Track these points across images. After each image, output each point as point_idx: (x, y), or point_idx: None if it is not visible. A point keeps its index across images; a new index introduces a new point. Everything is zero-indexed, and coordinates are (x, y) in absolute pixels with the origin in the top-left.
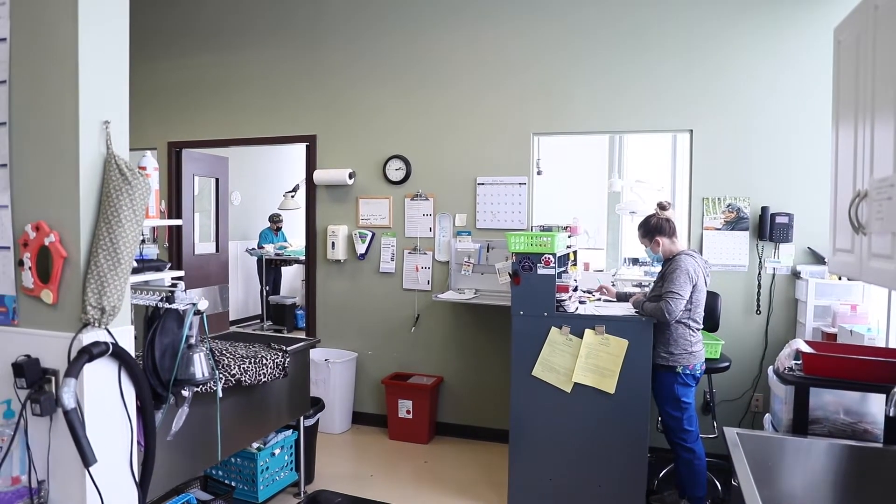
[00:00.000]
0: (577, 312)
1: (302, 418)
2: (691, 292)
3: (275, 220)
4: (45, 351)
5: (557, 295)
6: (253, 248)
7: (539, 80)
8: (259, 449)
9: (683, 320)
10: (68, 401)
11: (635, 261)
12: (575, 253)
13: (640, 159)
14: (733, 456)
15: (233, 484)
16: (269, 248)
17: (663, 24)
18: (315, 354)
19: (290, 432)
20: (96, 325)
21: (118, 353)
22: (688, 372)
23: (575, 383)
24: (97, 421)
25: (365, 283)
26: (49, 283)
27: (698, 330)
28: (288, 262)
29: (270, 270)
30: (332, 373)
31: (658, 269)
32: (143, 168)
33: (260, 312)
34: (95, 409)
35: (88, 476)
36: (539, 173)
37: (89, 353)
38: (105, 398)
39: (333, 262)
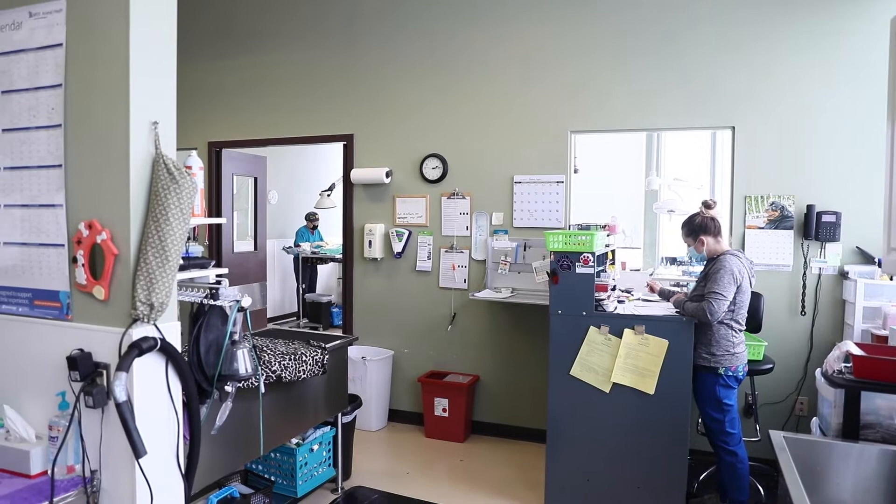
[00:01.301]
0: (616, 312)
1: (340, 415)
2: (735, 293)
3: (311, 218)
4: (97, 345)
5: (596, 294)
6: (289, 247)
7: (577, 77)
8: (298, 445)
9: (726, 321)
10: (120, 394)
11: (673, 260)
12: (613, 252)
13: (679, 157)
14: (780, 460)
15: (272, 478)
16: (305, 246)
17: (705, 21)
18: (352, 352)
19: (328, 428)
20: (145, 320)
21: (166, 349)
22: (730, 373)
23: (613, 383)
24: (145, 414)
25: (401, 282)
26: (101, 280)
27: (741, 331)
28: (324, 261)
29: (306, 268)
30: (369, 370)
31: (698, 268)
32: (189, 167)
33: (296, 310)
34: (144, 403)
35: (138, 467)
36: (575, 171)
37: (139, 347)
38: (153, 392)
39: (370, 261)
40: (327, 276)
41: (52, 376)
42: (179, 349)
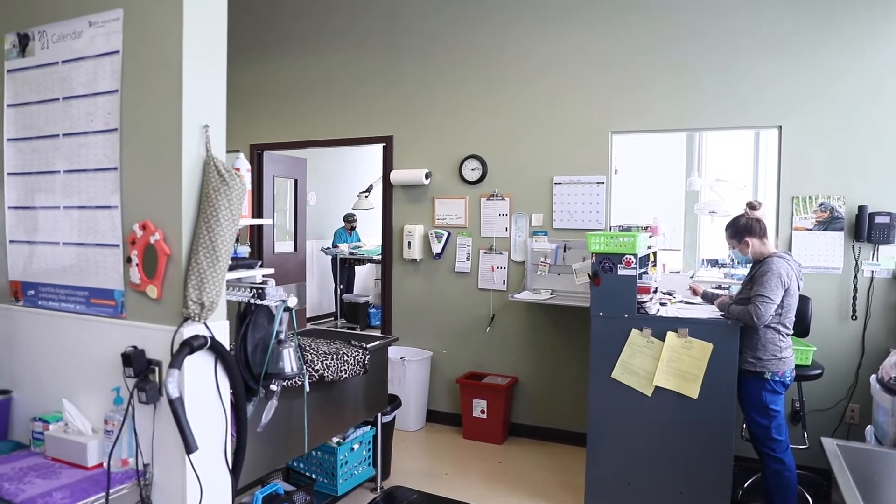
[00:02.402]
0: (659, 314)
1: (380, 415)
2: (783, 296)
3: (349, 219)
4: (149, 342)
5: (638, 296)
6: (328, 248)
7: (618, 77)
8: (339, 443)
9: (773, 325)
10: (173, 390)
11: (714, 262)
12: (655, 254)
13: (721, 157)
14: (834, 468)
15: (313, 476)
16: (343, 247)
17: (749, 18)
18: (391, 352)
19: (367, 428)
20: (196, 319)
21: (215, 347)
22: (777, 378)
23: (656, 387)
24: (195, 410)
25: (440, 283)
26: (154, 279)
27: (788, 335)
28: (361, 262)
29: (344, 269)
30: (408, 371)
31: (740, 271)
32: (237, 169)
33: (334, 310)
34: (194, 399)
35: (188, 462)
36: (615, 172)
37: (190, 345)
38: (202, 389)
39: (409, 262)
40: (365, 277)
41: (107, 372)
42: (228, 347)
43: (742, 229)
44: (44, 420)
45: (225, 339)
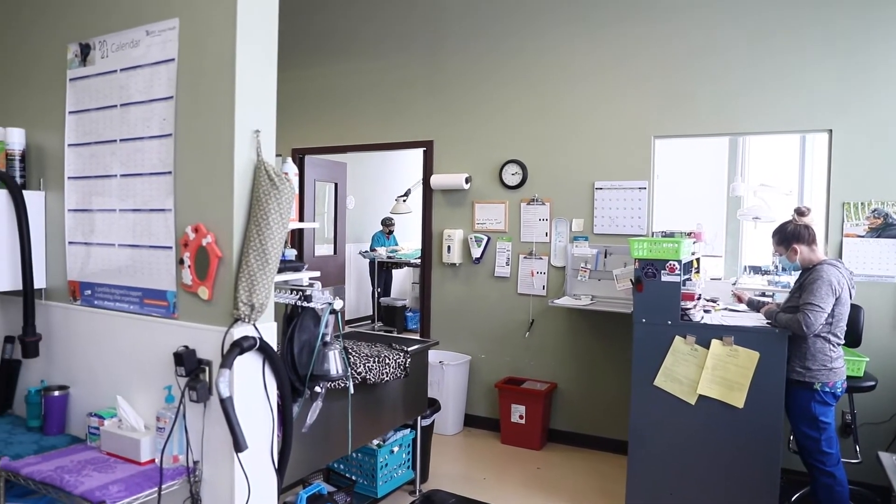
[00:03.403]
0: (703, 322)
1: (419, 418)
2: (833, 305)
3: (387, 223)
4: (200, 342)
5: (682, 303)
6: (366, 251)
7: (661, 81)
8: (379, 446)
9: (823, 334)
10: (224, 390)
11: (757, 269)
12: (698, 260)
13: (765, 162)
14: (895, 484)
15: (353, 478)
16: (381, 250)
17: (797, 18)
18: (430, 356)
19: (407, 431)
20: (246, 320)
21: (264, 348)
22: (827, 389)
23: (700, 395)
24: (243, 410)
25: (479, 287)
26: (205, 281)
27: (839, 345)
28: (399, 265)
29: (382, 273)
30: (446, 375)
31: (785, 278)
32: (286, 174)
33: (371, 313)
34: (242, 399)
35: (237, 460)
36: (657, 177)
37: (240, 346)
38: (251, 389)
39: (448, 266)
40: (402, 281)
41: (160, 371)
42: (275, 349)
43: (790, 236)
44: (99, 416)
45: (273, 340)
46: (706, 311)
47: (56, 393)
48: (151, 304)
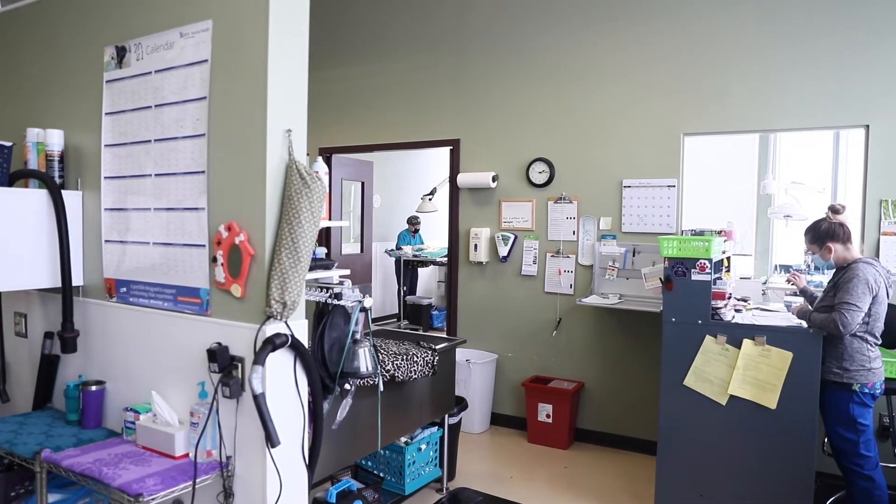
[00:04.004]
0: (734, 321)
1: (447, 416)
2: (870, 304)
3: (413, 222)
4: (233, 339)
5: (713, 302)
6: (391, 250)
7: (690, 77)
8: (407, 443)
9: (860, 334)
10: (257, 386)
11: (787, 268)
12: (729, 259)
13: (797, 159)
14: None
15: (381, 475)
16: (406, 249)
17: (831, 11)
18: (457, 355)
19: (435, 429)
20: (278, 318)
21: (295, 345)
22: (866, 390)
23: (731, 395)
24: (275, 406)
25: (506, 286)
26: (238, 279)
27: (876, 344)
28: (424, 264)
29: (408, 271)
30: (473, 373)
31: (816, 277)
32: (317, 172)
33: (397, 311)
34: (274, 395)
35: (269, 456)
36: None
37: (272, 343)
38: (282, 386)
39: (475, 264)
40: (427, 279)
41: (193, 367)
42: (306, 346)
43: (824, 234)
44: (135, 410)
45: (304, 337)
46: (737, 311)
47: (93, 388)
48: (185, 302)
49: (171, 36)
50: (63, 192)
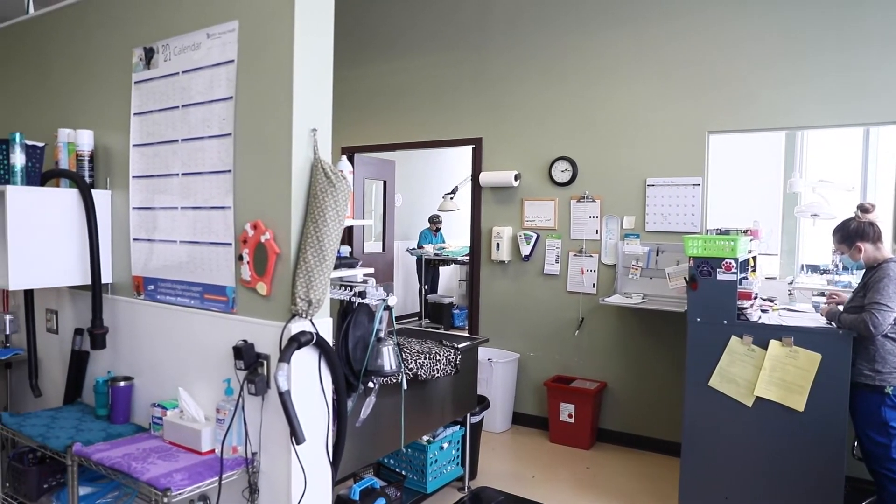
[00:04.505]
0: (761, 321)
1: (469, 415)
2: None
3: (434, 220)
4: (258, 337)
5: (739, 302)
6: (413, 248)
7: (715, 74)
8: (429, 442)
9: (892, 335)
10: (283, 383)
11: (815, 268)
12: (755, 258)
13: (824, 156)
14: None
15: (403, 473)
16: (428, 248)
17: (862, 7)
18: (478, 353)
19: (457, 428)
20: (303, 315)
21: (320, 343)
22: None
23: (757, 397)
24: (300, 403)
25: (528, 285)
26: (263, 277)
27: None
28: (446, 262)
29: (429, 270)
30: (495, 372)
31: (845, 278)
32: (341, 171)
33: (418, 310)
34: (298, 393)
35: (294, 452)
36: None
37: (298, 341)
38: (307, 383)
39: (497, 263)
40: (449, 278)
41: (219, 364)
42: (330, 344)
43: (853, 233)
44: (162, 406)
45: (328, 335)
46: (763, 311)
47: (122, 383)
48: (211, 299)
49: (198, 37)
50: (93, 191)
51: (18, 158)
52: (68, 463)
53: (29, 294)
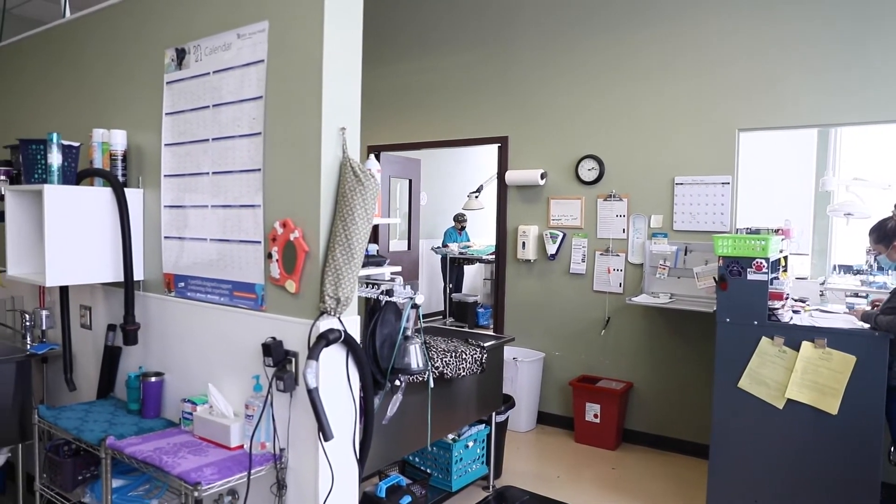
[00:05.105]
0: (792, 322)
1: (494, 414)
2: None
3: (459, 219)
4: (287, 334)
5: (770, 303)
6: (438, 247)
7: (746, 70)
8: (454, 440)
9: None
10: (311, 381)
11: (848, 268)
12: (786, 258)
13: (859, 154)
14: None
15: (428, 471)
16: (453, 246)
17: None
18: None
19: (482, 426)
20: (331, 313)
21: (348, 341)
22: None
23: (788, 399)
24: (327, 400)
25: (554, 284)
26: (292, 274)
27: None
28: (471, 261)
29: (454, 268)
30: (520, 371)
31: (880, 278)
32: (370, 170)
33: (442, 309)
34: (326, 390)
35: (321, 449)
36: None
37: (326, 338)
38: (334, 381)
39: (523, 262)
40: (473, 277)
41: (248, 360)
42: (358, 342)
43: (891, 233)
44: (192, 401)
45: (356, 333)
46: (795, 312)
47: (153, 379)
48: (241, 297)
49: (228, 37)
50: (125, 189)
51: (55, 158)
52: (102, 456)
53: (64, 290)
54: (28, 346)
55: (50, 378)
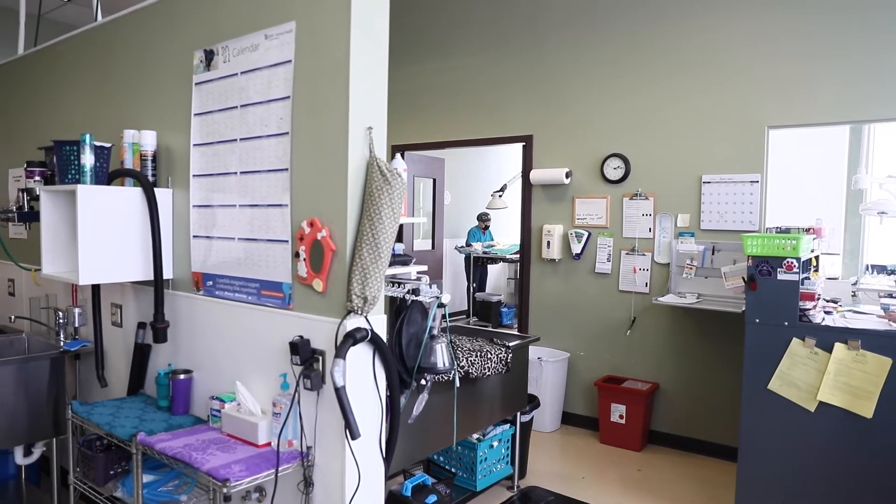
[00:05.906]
0: (824, 323)
1: (519, 414)
2: None
3: (483, 218)
4: (314, 333)
5: (801, 303)
6: (461, 246)
7: (776, 66)
8: (479, 440)
9: None
10: (339, 379)
11: (882, 268)
12: (817, 258)
13: (893, 151)
14: None
15: (453, 470)
16: (476, 245)
17: None
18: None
19: (507, 426)
20: (358, 312)
21: (375, 340)
22: None
23: (820, 402)
24: (354, 399)
25: (579, 283)
26: (320, 274)
27: None
28: (494, 260)
29: (477, 268)
30: (545, 371)
31: None
32: (396, 169)
33: (466, 308)
34: (353, 389)
35: (348, 447)
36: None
37: (353, 337)
38: (361, 379)
39: (548, 261)
40: (497, 276)
41: (276, 359)
42: (384, 341)
43: None
44: (220, 399)
45: (382, 332)
46: (827, 313)
47: (182, 376)
48: (268, 296)
49: (256, 38)
50: (155, 189)
51: (88, 159)
52: (133, 451)
53: (96, 289)
54: (61, 343)
55: (82, 374)
